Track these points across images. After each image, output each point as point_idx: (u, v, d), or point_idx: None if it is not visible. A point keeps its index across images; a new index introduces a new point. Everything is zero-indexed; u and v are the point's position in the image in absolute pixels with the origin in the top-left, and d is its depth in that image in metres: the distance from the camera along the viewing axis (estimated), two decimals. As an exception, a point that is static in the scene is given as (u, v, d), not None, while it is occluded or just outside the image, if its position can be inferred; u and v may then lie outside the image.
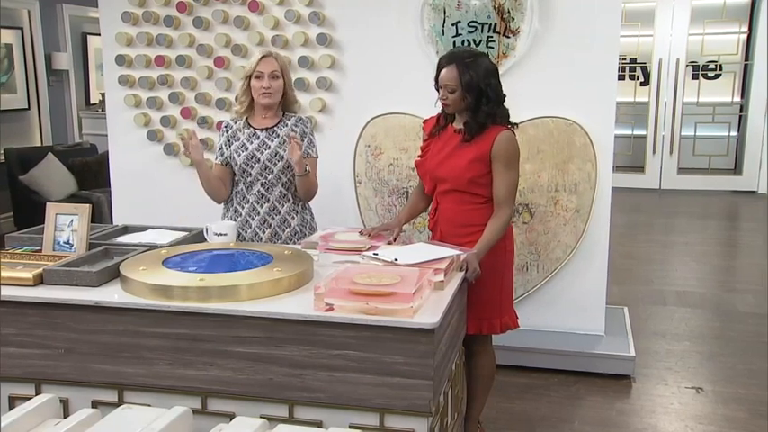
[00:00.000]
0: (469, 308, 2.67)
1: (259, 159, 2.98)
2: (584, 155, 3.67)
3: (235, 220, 3.05)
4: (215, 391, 2.15)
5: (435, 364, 2.02)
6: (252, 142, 3.00)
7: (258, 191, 3.02)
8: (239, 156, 3.01)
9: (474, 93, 2.60)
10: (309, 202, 3.17)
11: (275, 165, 2.99)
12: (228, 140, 3.07)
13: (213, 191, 3.09)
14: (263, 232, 3.04)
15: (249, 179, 3.03)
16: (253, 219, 3.04)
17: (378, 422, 2.07)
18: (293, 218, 3.06)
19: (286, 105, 3.07)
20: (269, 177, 3.00)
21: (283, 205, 3.04)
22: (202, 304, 2.11)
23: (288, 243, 3.02)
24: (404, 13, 3.78)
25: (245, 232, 3.05)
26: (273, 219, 3.03)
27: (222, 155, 3.08)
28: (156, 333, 2.15)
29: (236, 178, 3.08)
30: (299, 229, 3.08)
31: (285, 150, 2.97)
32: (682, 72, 8.66)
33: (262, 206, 3.03)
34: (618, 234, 5.60)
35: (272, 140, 3.00)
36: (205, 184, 3.06)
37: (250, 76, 2.96)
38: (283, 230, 3.05)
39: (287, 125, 3.03)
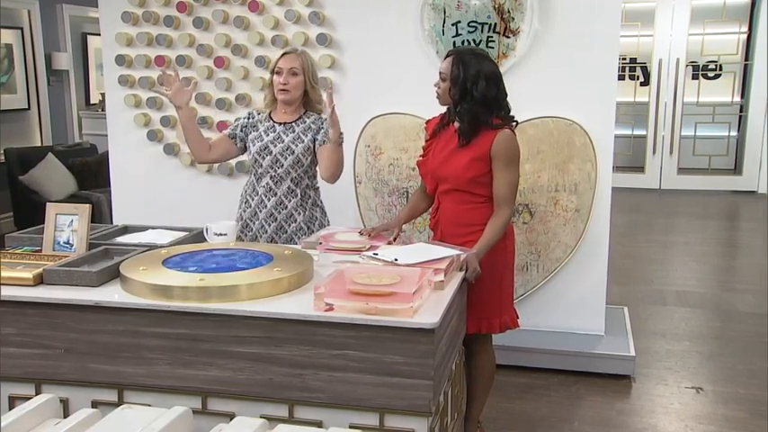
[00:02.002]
0: (469, 308, 2.67)
1: (271, 151, 3.02)
2: (585, 155, 3.67)
3: (245, 212, 3.11)
4: (215, 391, 2.15)
5: (435, 364, 2.02)
6: (268, 134, 3.05)
7: (267, 183, 3.06)
8: (254, 146, 3.05)
9: (459, 88, 2.62)
10: (320, 204, 3.18)
11: (286, 159, 3.01)
12: (246, 127, 3.11)
13: (195, 143, 3.07)
14: (269, 225, 3.07)
15: (260, 170, 3.06)
16: (260, 211, 3.08)
17: (378, 422, 2.07)
18: (300, 214, 3.08)
19: (309, 104, 3.10)
20: (278, 171, 3.03)
21: (290, 200, 3.06)
22: (202, 304, 2.11)
23: (294, 238, 3.06)
24: (404, 13, 3.78)
25: (253, 224, 3.10)
26: (280, 213, 3.06)
27: (233, 129, 3.13)
28: (156, 333, 2.15)
29: (248, 169, 3.13)
30: (304, 226, 3.09)
31: (298, 146, 3.02)
32: (682, 72, 8.66)
33: (269, 199, 3.06)
34: (618, 234, 5.60)
35: (288, 135, 3.04)
36: (186, 133, 3.06)
37: (273, 72, 3.02)
38: (289, 225, 3.08)
39: (305, 122, 3.07)
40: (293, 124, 3.06)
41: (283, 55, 3.01)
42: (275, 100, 3.07)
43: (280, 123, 3.06)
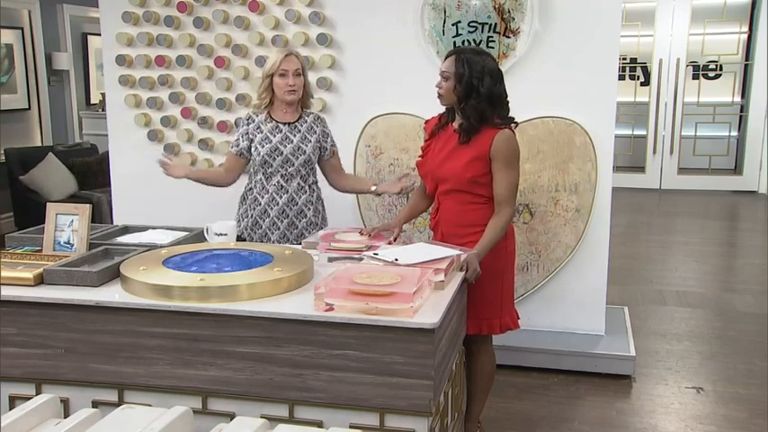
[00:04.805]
0: (469, 308, 2.67)
1: (282, 152, 3.08)
2: (585, 155, 3.67)
3: (254, 209, 3.15)
4: (215, 391, 2.16)
5: (435, 364, 2.02)
6: (275, 135, 3.10)
7: (278, 182, 3.12)
8: (263, 147, 3.09)
9: (465, 85, 2.61)
10: (322, 198, 3.29)
11: (297, 158, 3.10)
12: (249, 132, 3.14)
13: (215, 183, 3.28)
14: (281, 222, 3.13)
15: (270, 170, 3.11)
16: (272, 209, 3.13)
17: (378, 422, 2.07)
18: (309, 209, 3.18)
19: (303, 100, 3.17)
20: (289, 170, 3.11)
21: (300, 197, 3.14)
22: (202, 304, 2.11)
23: (304, 233, 3.15)
24: (404, 13, 3.77)
25: (263, 221, 3.13)
26: (291, 209, 3.13)
27: (238, 146, 3.16)
28: (156, 333, 2.16)
29: (255, 168, 3.17)
30: (314, 220, 3.20)
31: (307, 146, 3.11)
32: (682, 72, 8.66)
33: (281, 197, 3.12)
34: (618, 234, 5.60)
35: (295, 135, 3.12)
36: (206, 182, 3.28)
37: (273, 74, 3.04)
38: (300, 221, 3.16)
39: (306, 122, 3.16)
40: (297, 124, 3.13)
41: (286, 56, 3.04)
42: (272, 101, 3.11)
43: (284, 123, 3.12)
